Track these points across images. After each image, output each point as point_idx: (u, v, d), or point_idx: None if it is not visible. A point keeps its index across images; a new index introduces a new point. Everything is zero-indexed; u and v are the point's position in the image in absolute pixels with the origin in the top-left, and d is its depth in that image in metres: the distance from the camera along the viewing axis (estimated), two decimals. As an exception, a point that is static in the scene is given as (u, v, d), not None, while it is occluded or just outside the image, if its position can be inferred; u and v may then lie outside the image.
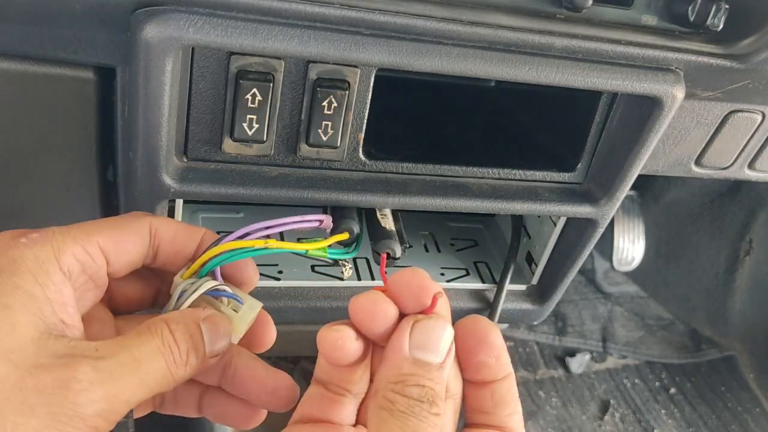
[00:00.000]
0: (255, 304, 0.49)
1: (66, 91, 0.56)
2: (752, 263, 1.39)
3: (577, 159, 0.68)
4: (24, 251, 0.40)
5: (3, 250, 0.40)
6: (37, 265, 0.40)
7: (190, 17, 0.48)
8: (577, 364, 1.63)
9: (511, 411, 0.45)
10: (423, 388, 0.40)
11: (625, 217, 1.49)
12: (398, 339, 0.41)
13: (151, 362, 0.40)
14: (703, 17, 0.56)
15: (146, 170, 0.54)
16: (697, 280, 1.50)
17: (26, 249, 0.40)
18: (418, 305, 0.43)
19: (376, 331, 0.43)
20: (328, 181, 0.61)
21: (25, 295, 0.38)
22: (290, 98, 0.56)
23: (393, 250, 0.65)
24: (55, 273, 0.40)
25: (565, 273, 0.77)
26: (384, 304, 0.43)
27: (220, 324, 0.45)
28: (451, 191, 0.64)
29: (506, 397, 0.45)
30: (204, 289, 0.46)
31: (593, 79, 0.57)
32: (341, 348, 0.43)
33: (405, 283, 0.43)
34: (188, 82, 0.54)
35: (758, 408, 1.57)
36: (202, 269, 0.47)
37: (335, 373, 0.46)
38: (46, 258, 0.40)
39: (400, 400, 0.39)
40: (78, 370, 0.37)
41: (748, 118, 0.69)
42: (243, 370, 0.49)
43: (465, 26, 0.53)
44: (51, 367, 0.37)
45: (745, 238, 1.38)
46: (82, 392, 0.36)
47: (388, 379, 0.41)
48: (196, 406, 0.51)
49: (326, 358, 0.45)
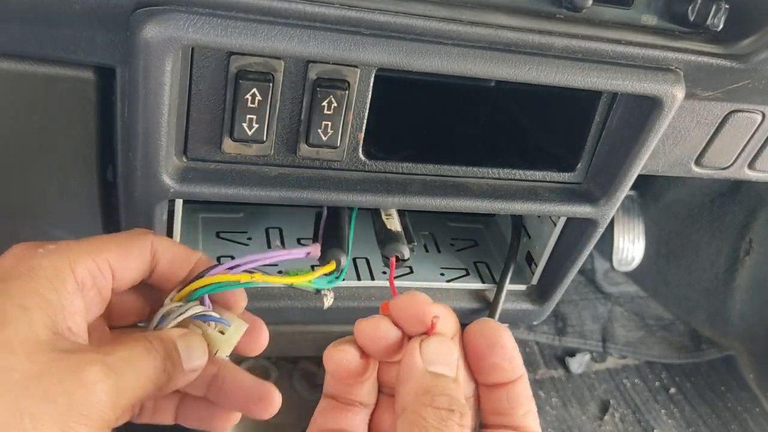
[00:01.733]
0: (240, 325, 0.52)
1: (66, 91, 0.56)
2: (752, 263, 1.39)
3: (577, 159, 0.68)
4: (41, 260, 0.43)
5: (22, 258, 0.43)
6: (54, 274, 0.43)
7: (189, 17, 0.48)
8: (577, 364, 1.63)
9: (526, 410, 0.46)
10: (450, 397, 0.41)
11: (625, 217, 1.49)
12: (411, 359, 0.43)
13: (143, 361, 0.43)
14: (703, 17, 0.56)
15: (146, 170, 0.54)
16: (697, 280, 1.50)
17: (43, 258, 0.43)
18: (420, 327, 0.44)
19: (379, 351, 0.45)
20: (328, 181, 0.61)
21: (42, 299, 0.41)
22: (290, 98, 0.56)
23: (401, 252, 0.66)
24: (70, 283, 0.43)
25: (565, 273, 0.77)
26: (386, 329, 0.45)
27: (194, 343, 0.48)
28: (451, 191, 0.64)
29: (521, 398, 0.46)
30: (190, 313, 0.49)
31: (593, 79, 0.57)
32: (346, 367, 0.45)
33: (405, 309, 0.45)
34: (188, 82, 0.54)
35: (758, 408, 1.57)
36: (191, 295, 0.50)
37: (343, 388, 0.48)
38: (62, 268, 0.43)
39: (432, 413, 0.40)
40: (89, 364, 0.40)
41: (748, 118, 0.69)
42: (230, 381, 0.52)
43: (465, 26, 0.53)
44: (64, 361, 0.39)
45: (745, 238, 1.38)
46: (96, 383, 0.39)
47: (413, 392, 0.42)
48: (173, 415, 0.54)
49: (332, 375, 0.46)
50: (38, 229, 0.67)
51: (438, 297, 0.77)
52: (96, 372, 0.40)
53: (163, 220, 0.60)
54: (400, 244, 0.66)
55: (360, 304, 0.74)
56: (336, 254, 0.62)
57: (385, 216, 0.69)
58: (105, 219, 0.68)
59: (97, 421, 0.39)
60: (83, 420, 0.38)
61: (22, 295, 0.41)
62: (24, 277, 0.42)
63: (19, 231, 0.67)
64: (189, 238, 0.75)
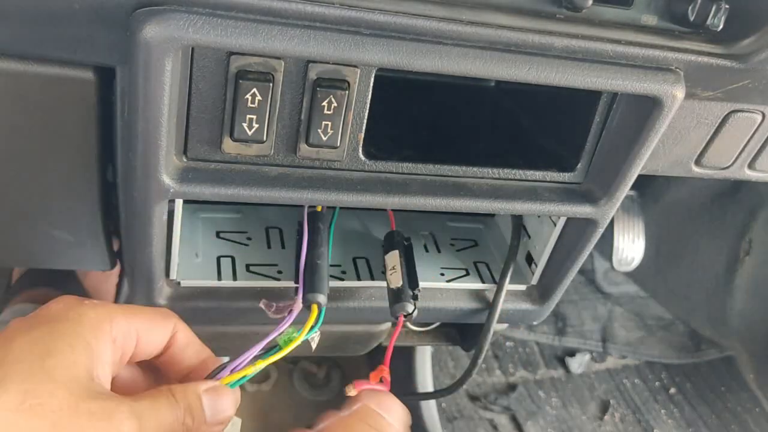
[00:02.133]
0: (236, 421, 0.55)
1: (66, 91, 0.56)
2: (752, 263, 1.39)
3: (577, 159, 0.68)
4: (87, 310, 0.49)
5: (71, 306, 0.49)
6: (97, 324, 0.48)
7: (189, 17, 0.47)
8: (577, 364, 1.63)
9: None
10: None
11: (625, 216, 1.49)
12: None
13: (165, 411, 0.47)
14: (703, 17, 0.56)
15: (146, 170, 0.54)
16: (697, 280, 1.50)
17: (90, 309, 0.49)
18: None
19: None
20: (328, 181, 0.61)
21: (85, 344, 0.46)
22: (290, 98, 0.56)
23: (405, 310, 0.69)
24: (108, 334, 0.48)
25: (565, 273, 0.77)
26: None
27: (222, 394, 0.51)
28: (451, 191, 0.64)
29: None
30: None
31: (593, 79, 0.57)
32: None
33: None
34: (188, 82, 0.54)
35: (758, 408, 1.57)
36: None
37: None
38: (103, 321, 0.48)
39: None
40: (119, 407, 0.44)
41: (748, 118, 0.69)
42: None
43: (465, 26, 0.53)
44: (98, 400, 0.44)
45: (744, 238, 1.38)
46: (124, 422, 0.44)
47: None
48: None
49: None
50: (38, 229, 0.67)
51: (438, 297, 0.77)
52: (125, 414, 0.44)
53: (163, 220, 0.60)
54: (404, 303, 0.69)
55: (360, 304, 0.74)
56: (314, 298, 0.64)
57: (390, 272, 0.72)
58: (105, 219, 0.68)
59: None
60: None
61: (70, 335, 0.46)
62: (73, 321, 0.47)
63: (20, 231, 0.67)
64: (189, 238, 0.75)
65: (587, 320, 1.71)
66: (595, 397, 1.58)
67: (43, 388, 0.42)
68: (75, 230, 0.68)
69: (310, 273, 0.66)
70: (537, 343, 1.68)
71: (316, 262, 0.67)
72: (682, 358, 1.67)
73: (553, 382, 1.60)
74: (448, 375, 1.57)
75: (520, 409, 1.53)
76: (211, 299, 0.70)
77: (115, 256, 0.73)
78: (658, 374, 1.65)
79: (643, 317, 1.73)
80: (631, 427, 1.52)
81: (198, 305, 0.69)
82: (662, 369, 1.67)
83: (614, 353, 1.67)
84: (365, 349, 0.93)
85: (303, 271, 0.66)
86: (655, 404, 1.58)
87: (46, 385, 0.42)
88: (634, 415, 1.55)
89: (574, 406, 1.55)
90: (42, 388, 0.42)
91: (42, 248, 0.69)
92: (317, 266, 0.66)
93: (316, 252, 0.68)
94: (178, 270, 0.68)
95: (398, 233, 0.75)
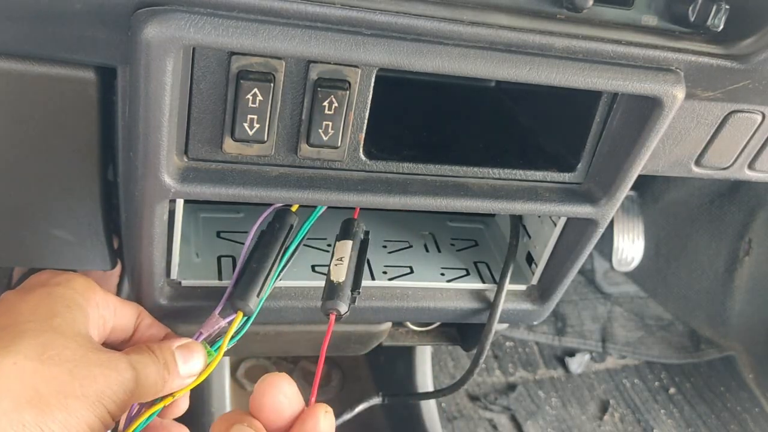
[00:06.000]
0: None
1: (66, 91, 0.56)
2: (752, 263, 1.40)
3: (578, 159, 0.68)
4: (74, 277, 0.56)
5: (56, 274, 0.56)
6: (85, 289, 0.56)
7: (191, 17, 0.48)
8: (576, 364, 1.64)
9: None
10: None
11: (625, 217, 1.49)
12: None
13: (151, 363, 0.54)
14: (703, 17, 0.56)
15: (147, 170, 0.54)
16: (697, 280, 1.50)
17: (75, 276, 0.56)
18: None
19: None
20: (329, 181, 0.61)
21: (78, 305, 0.54)
22: (291, 98, 0.56)
23: (337, 310, 0.63)
24: (94, 300, 0.56)
25: (565, 273, 0.77)
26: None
27: (193, 350, 0.58)
28: (452, 191, 0.64)
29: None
30: None
31: (593, 79, 0.57)
32: None
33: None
34: (189, 82, 0.54)
35: (757, 408, 1.58)
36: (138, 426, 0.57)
37: None
38: (89, 287, 0.56)
39: None
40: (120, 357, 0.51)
41: (748, 119, 0.69)
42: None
43: (466, 26, 0.53)
44: (102, 352, 0.51)
45: (744, 239, 1.38)
46: (127, 370, 0.51)
47: None
48: None
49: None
50: (39, 229, 0.67)
51: (438, 297, 0.77)
52: (125, 365, 0.51)
53: (163, 219, 0.60)
54: (339, 301, 0.62)
55: (359, 304, 0.74)
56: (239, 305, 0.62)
57: (335, 262, 0.65)
58: (106, 219, 0.68)
59: (120, 405, 0.49)
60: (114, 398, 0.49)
61: (65, 297, 0.53)
62: (63, 286, 0.54)
63: (20, 231, 0.67)
64: (190, 237, 0.75)
65: (587, 320, 1.71)
66: (595, 397, 1.58)
67: (57, 342, 0.48)
68: (76, 230, 0.68)
69: (245, 277, 0.63)
70: (537, 343, 1.68)
71: (252, 266, 0.64)
72: (682, 358, 1.67)
73: (553, 382, 1.61)
74: (448, 375, 1.57)
75: (520, 409, 1.53)
76: (211, 299, 0.70)
77: (115, 255, 0.73)
78: (658, 374, 1.66)
79: (642, 317, 1.73)
80: (630, 427, 1.53)
81: (198, 305, 0.69)
82: (662, 369, 1.67)
83: (614, 353, 1.67)
84: (365, 349, 0.93)
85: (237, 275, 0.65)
86: (655, 404, 1.59)
87: (59, 339, 0.49)
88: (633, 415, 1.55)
89: (573, 406, 1.55)
90: (56, 342, 0.48)
91: (43, 248, 0.70)
92: (252, 270, 0.63)
93: (258, 254, 0.64)
94: (178, 269, 0.68)
95: (358, 224, 0.69)
